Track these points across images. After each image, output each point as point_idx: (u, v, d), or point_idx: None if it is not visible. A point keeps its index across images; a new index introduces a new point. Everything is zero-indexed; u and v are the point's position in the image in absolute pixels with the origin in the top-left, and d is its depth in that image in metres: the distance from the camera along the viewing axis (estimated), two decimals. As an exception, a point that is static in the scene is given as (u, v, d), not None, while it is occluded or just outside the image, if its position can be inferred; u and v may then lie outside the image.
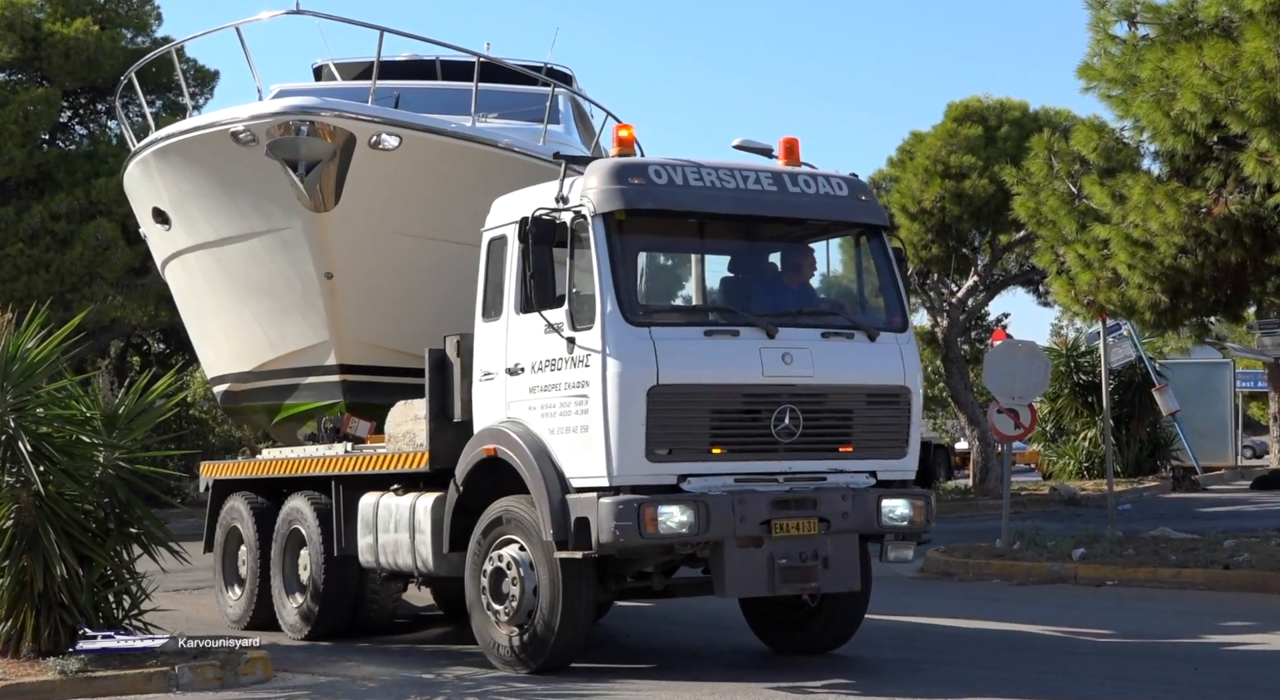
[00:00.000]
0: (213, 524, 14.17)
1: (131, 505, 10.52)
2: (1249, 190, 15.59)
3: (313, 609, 12.33)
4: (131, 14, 32.30)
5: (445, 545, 10.78)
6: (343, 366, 14.36)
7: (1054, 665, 10.61)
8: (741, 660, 11.23)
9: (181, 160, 14.41)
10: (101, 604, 10.29)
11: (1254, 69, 13.96)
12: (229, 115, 13.73)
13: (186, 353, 37.14)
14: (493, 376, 10.52)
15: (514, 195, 11.00)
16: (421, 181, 13.82)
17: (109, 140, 32.34)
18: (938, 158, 28.99)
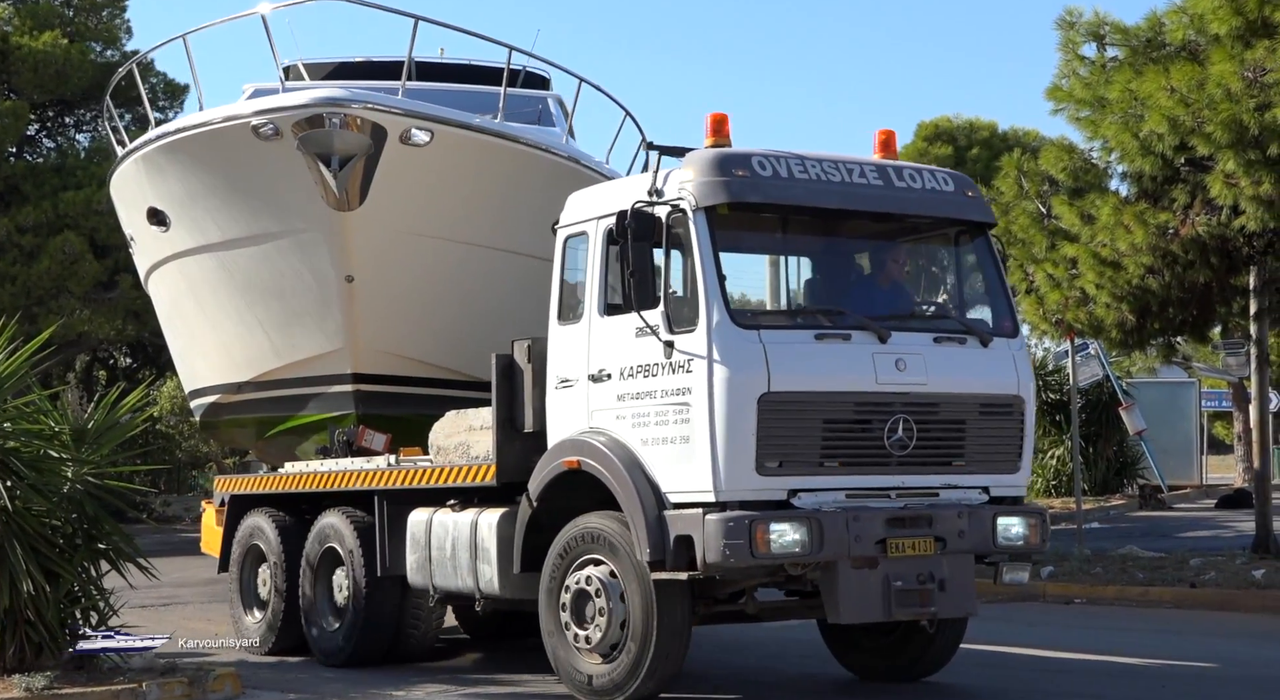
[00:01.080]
0: (229, 542, 13.17)
1: (99, 521, 10.25)
2: (1215, 212, 15.66)
3: (351, 633, 11.39)
4: (101, 27, 31.71)
5: (516, 565, 9.91)
6: (357, 375, 13.54)
7: (1020, 684, 10.43)
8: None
9: (188, 156, 13.51)
10: (69, 620, 9.99)
11: (1220, 91, 13.92)
12: (247, 107, 12.93)
13: (154, 367, 36.86)
14: (571, 384, 9.72)
15: (595, 190, 10.33)
16: (450, 180, 13.04)
17: (77, 153, 31.68)
18: None
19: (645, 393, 9.21)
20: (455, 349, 13.98)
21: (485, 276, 13.87)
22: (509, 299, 14.26)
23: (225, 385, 15.09)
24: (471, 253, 13.48)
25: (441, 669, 11.39)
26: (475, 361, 14.18)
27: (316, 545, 11.97)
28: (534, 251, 14.13)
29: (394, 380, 13.74)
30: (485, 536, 10.16)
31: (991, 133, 28.78)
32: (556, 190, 14.69)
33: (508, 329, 14.64)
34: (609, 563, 9.29)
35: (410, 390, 13.77)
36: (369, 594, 11.30)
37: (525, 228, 13.77)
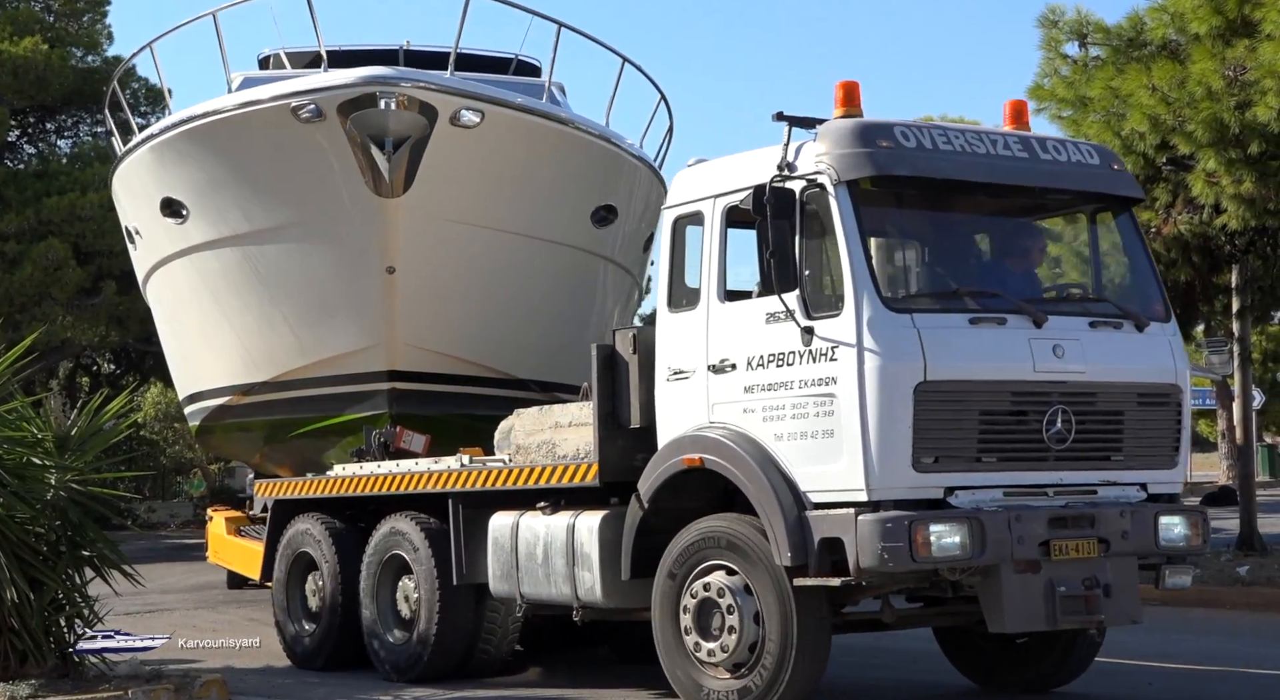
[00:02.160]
0: (272, 550, 12.15)
1: (83, 527, 9.97)
2: (1197, 210, 15.59)
3: (423, 646, 10.41)
4: (81, 33, 30.99)
5: (625, 572, 9.05)
6: (392, 373, 12.80)
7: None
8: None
9: (215, 141, 12.70)
10: (53, 628, 9.70)
11: (1201, 90, 13.72)
12: (286, 88, 12.05)
13: (137, 373, 36.69)
14: (687, 375, 8.95)
15: (708, 167, 9.37)
16: (497, 165, 12.28)
17: (59, 159, 30.92)
18: None
19: (779, 384, 8.44)
20: (493, 345, 13.35)
21: (526, 268, 13.20)
22: (550, 293, 13.70)
23: (237, 387, 14.30)
24: (513, 243, 12.84)
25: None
26: (513, 359, 13.69)
27: (379, 552, 11.01)
28: (574, 241, 13.63)
29: (430, 378, 13.04)
30: (585, 541, 9.31)
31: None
32: (596, 176, 13.70)
33: (546, 325, 13.99)
34: (738, 568, 8.51)
35: (446, 389, 13.10)
36: (443, 604, 10.37)
37: (567, 216, 13.28)
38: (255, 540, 14.82)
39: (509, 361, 13.51)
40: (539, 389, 13.90)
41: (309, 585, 11.88)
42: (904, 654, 11.20)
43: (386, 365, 12.75)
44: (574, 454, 9.81)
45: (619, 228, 14.22)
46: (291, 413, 13.80)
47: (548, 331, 14.01)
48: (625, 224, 14.30)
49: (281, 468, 15.65)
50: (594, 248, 14.10)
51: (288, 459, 14.73)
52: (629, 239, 14.87)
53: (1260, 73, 13.48)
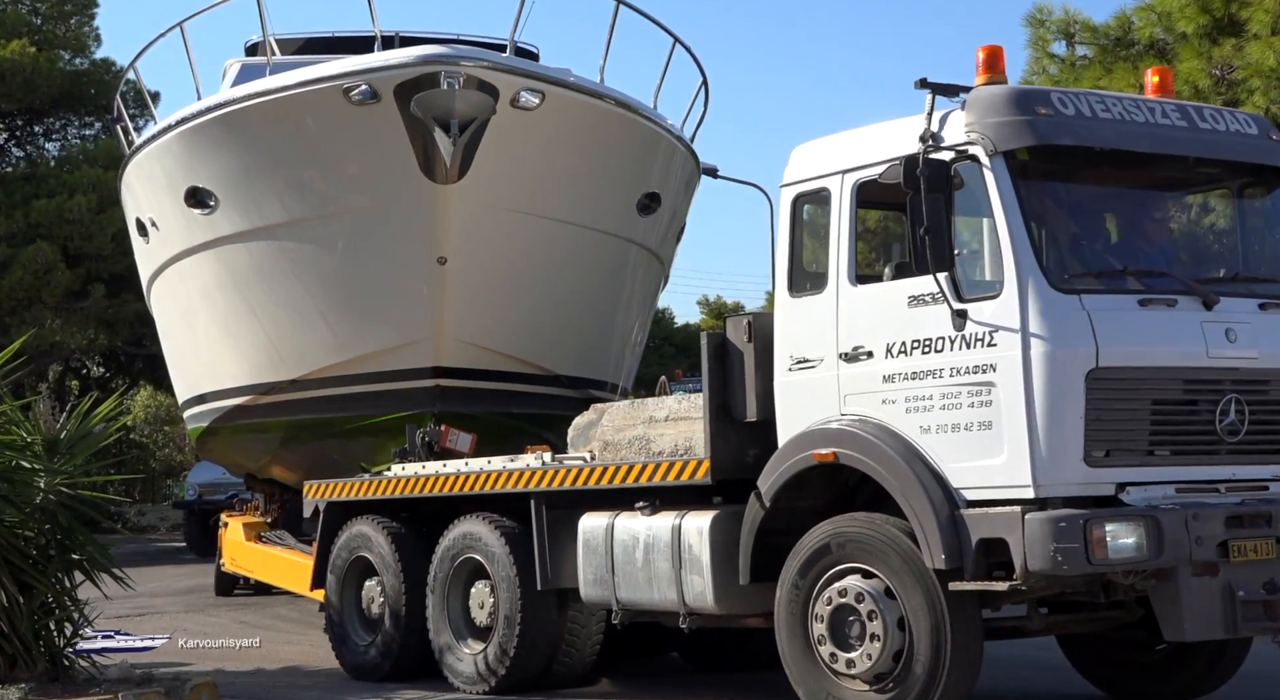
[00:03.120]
0: (325, 555, 11.29)
1: (73, 531, 9.89)
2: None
3: (502, 655, 9.63)
4: (70, 35, 30.19)
5: (744, 576, 8.32)
6: (437, 370, 12.07)
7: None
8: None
9: (252, 128, 11.93)
10: (43, 632, 9.64)
11: (1188, 89, 13.45)
12: (335, 69, 11.26)
13: (126, 376, 36.55)
14: (813, 364, 8.23)
15: (832, 141, 8.59)
16: (555, 150, 11.60)
17: (47, 162, 30.08)
18: None
19: (925, 372, 7.74)
20: (537, 341, 12.73)
21: (574, 260, 12.56)
22: (592, 285, 13.08)
23: (259, 386, 13.47)
24: (565, 233, 12.20)
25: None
26: (554, 354, 12.99)
27: (449, 556, 10.17)
28: (619, 231, 12.90)
29: (475, 375, 12.35)
30: (693, 543, 8.58)
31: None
32: (645, 162, 12.89)
33: (586, 319, 13.34)
34: (877, 572, 7.76)
35: (490, 386, 12.44)
36: (525, 611, 9.57)
37: (616, 204, 12.60)
38: (278, 546, 14.29)
39: (551, 357, 12.98)
40: (571, 385, 13.38)
41: (366, 592, 11.05)
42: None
43: (432, 361, 12.06)
44: (672, 450, 9.12)
45: (660, 216, 13.62)
46: (321, 412, 13.06)
47: (586, 325, 13.51)
48: (665, 212, 13.70)
49: (289, 473, 15.01)
50: (636, 237, 13.51)
51: (302, 463, 14.10)
52: (666, 228, 14.24)
53: (1247, 72, 13.54)
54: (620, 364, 14.67)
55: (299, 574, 12.95)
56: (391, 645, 10.62)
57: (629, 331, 14.86)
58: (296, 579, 13.12)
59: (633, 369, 15.58)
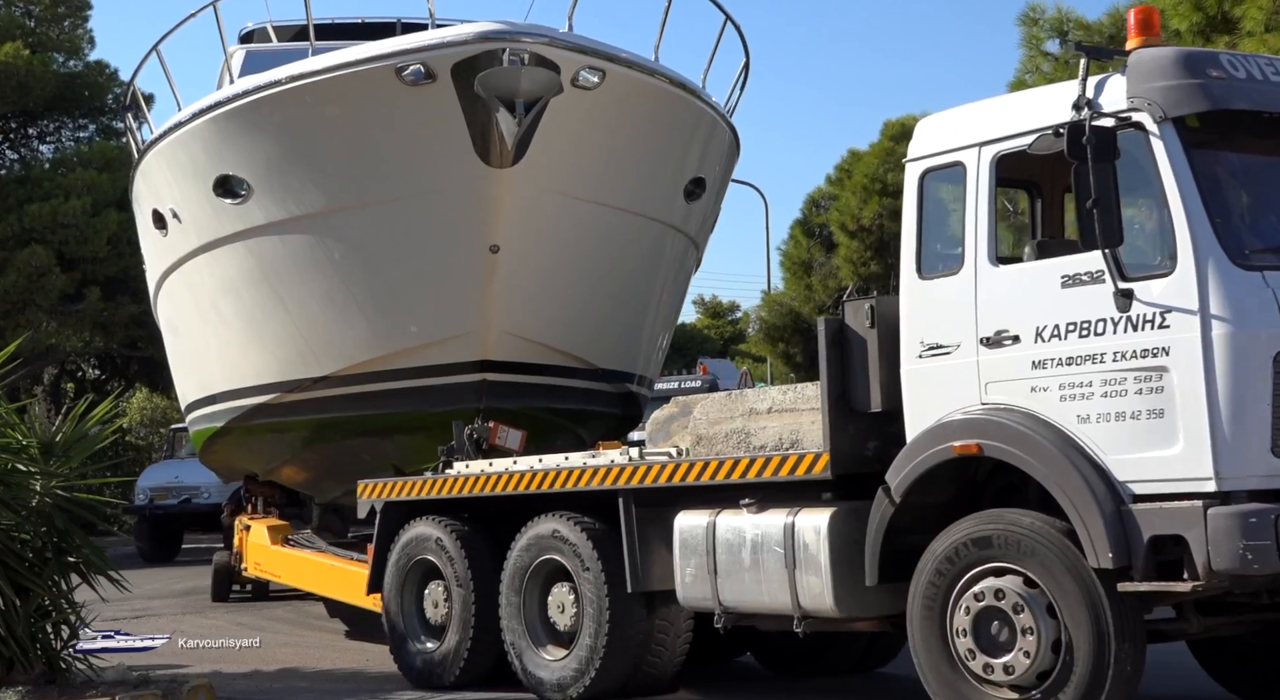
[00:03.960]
0: (382, 557, 10.60)
1: (69, 534, 9.65)
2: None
3: (587, 662, 9.01)
4: (63, 37, 29.72)
5: (871, 577, 7.71)
6: (484, 364, 11.48)
7: None
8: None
9: (291, 112, 11.27)
10: (39, 635, 9.38)
11: None
12: (385, 48, 10.63)
13: (122, 379, 36.45)
14: (947, 350, 7.60)
15: (965, 111, 7.94)
16: (612, 132, 11.00)
17: (41, 165, 29.49)
18: (875, 176, 27.56)
19: (1083, 357, 7.15)
20: (583, 333, 12.19)
21: (624, 249, 11.99)
22: (638, 275, 12.56)
23: (286, 383, 12.81)
24: (617, 220, 11.62)
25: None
26: (597, 347, 12.37)
27: (528, 557, 9.53)
28: (666, 218, 12.25)
29: (521, 369, 11.78)
30: (810, 542, 7.99)
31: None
32: (694, 146, 12.15)
33: (628, 310, 12.71)
34: (1027, 571, 7.17)
35: (535, 380, 11.88)
36: (613, 615, 8.94)
37: (665, 190, 12.04)
38: (309, 550, 13.59)
39: (593, 350, 12.47)
40: (607, 379, 12.89)
41: (429, 596, 10.41)
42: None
43: (479, 355, 11.47)
44: (775, 444, 8.47)
45: (703, 203, 13.03)
46: (353, 410, 12.40)
47: (627, 317, 13.01)
48: (708, 198, 13.10)
49: (301, 474, 14.59)
50: (680, 224, 12.90)
51: (323, 463, 13.61)
52: (706, 215, 13.61)
53: (1242, 69, 13.53)
54: (650, 357, 14.14)
55: (339, 579, 12.33)
56: (459, 651, 9.96)
57: (662, 323, 14.38)
58: (336, 584, 12.44)
59: (660, 362, 15.07)
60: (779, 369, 32.56)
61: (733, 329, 54.48)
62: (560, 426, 12.54)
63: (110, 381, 36.35)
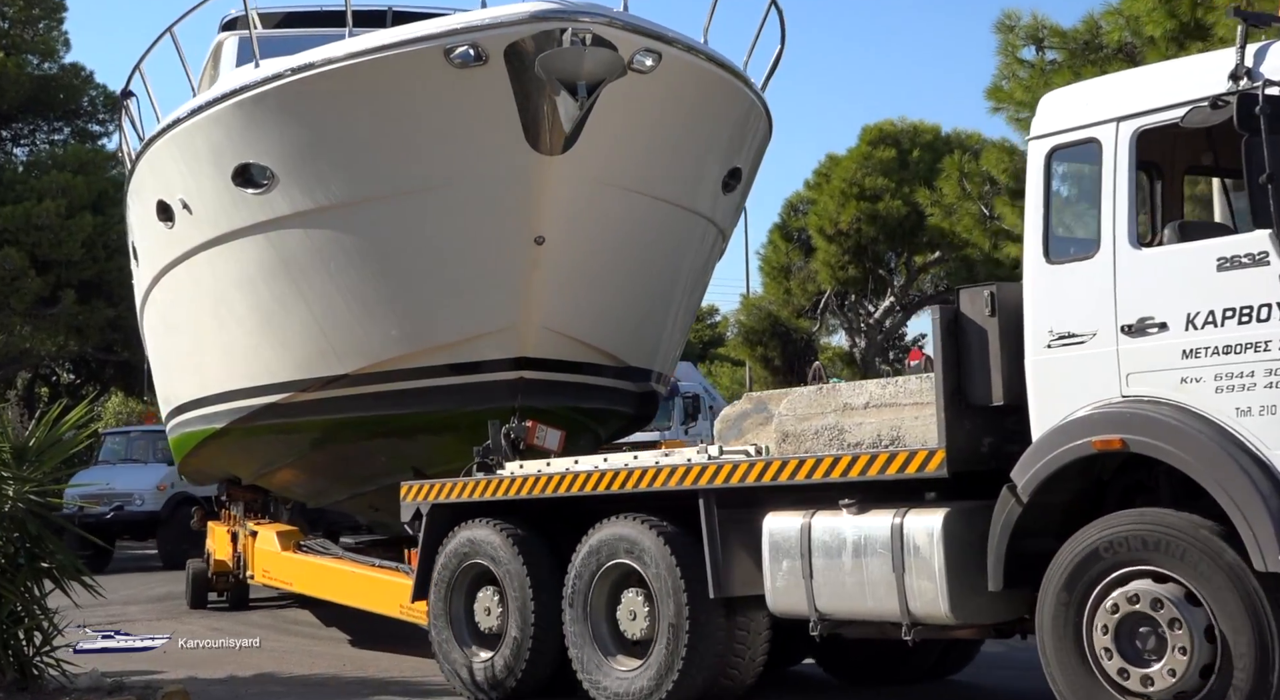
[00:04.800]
0: (429, 562, 9.94)
1: (42, 539, 9.45)
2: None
3: (664, 673, 8.39)
4: (38, 39, 29.36)
5: (996, 581, 7.12)
6: (522, 361, 10.87)
7: None
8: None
9: (322, 97, 10.61)
10: (11, 641, 9.18)
11: None
12: (431, 28, 10.02)
13: (97, 383, 36.35)
14: (1081, 339, 7.04)
15: (1097, 85, 7.41)
16: (663, 119, 10.41)
17: (15, 167, 28.99)
18: (853, 180, 27.53)
19: (1245, 345, 6.59)
20: (618, 330, 11.58)
21: (666, 243, 11.43)
22: (674, 270, 12.00)
23: (301, 382, 12.10)
24: (662, 213, 11.05)
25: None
26: (628, 344, 11.78)
27: (593, 562, 8.92)
28: (705, 210, 11.68)
29: (558, 366, 11.18)
30: (923, 545, 7.41)
31: (935, 136, 28.51)
32: (736, 135, 11.55)
33: (660, 306, 12.07)
34: (1176, 575, 6.63)
35: (569, 378, 11.29)
36: (693, 623, 8.34)
37: (708, 181, 11.48)
38: (325, 557, 12.92)
39: (625, 347, 11.88)
40: (632, 377, 12.32)
41: (480, 603, 9.78)
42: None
43: (517, 352, 10.87)
44: (873, 441, 7.94)
45: (737, 194, 12.46)
46: (375, 409, 11.74)
47: (659, 313, 12.43)
48: (741, 189, 12.53)
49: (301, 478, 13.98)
50: (714, 216, 12.28)
51: (329, 466, 12.97)
52: (736, 206, 13.01)
53: (1217, 75, 13.61)
54: (670, 354, 13.55)
55: (366, 587, 11.73)
56: (518, 660, 9.29)
57: (685, 319, 13.85)
58: (362, 592, 11.83)
59: (677, 359, 14.46)
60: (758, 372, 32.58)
61: (711, 332, 54.54)
62: (583, 426, 11.94)
63: (85, 386, 36.10)
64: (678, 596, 8.42)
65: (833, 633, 8.06)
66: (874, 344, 31.70)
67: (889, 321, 32.66)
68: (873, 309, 31.70)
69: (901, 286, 31.82)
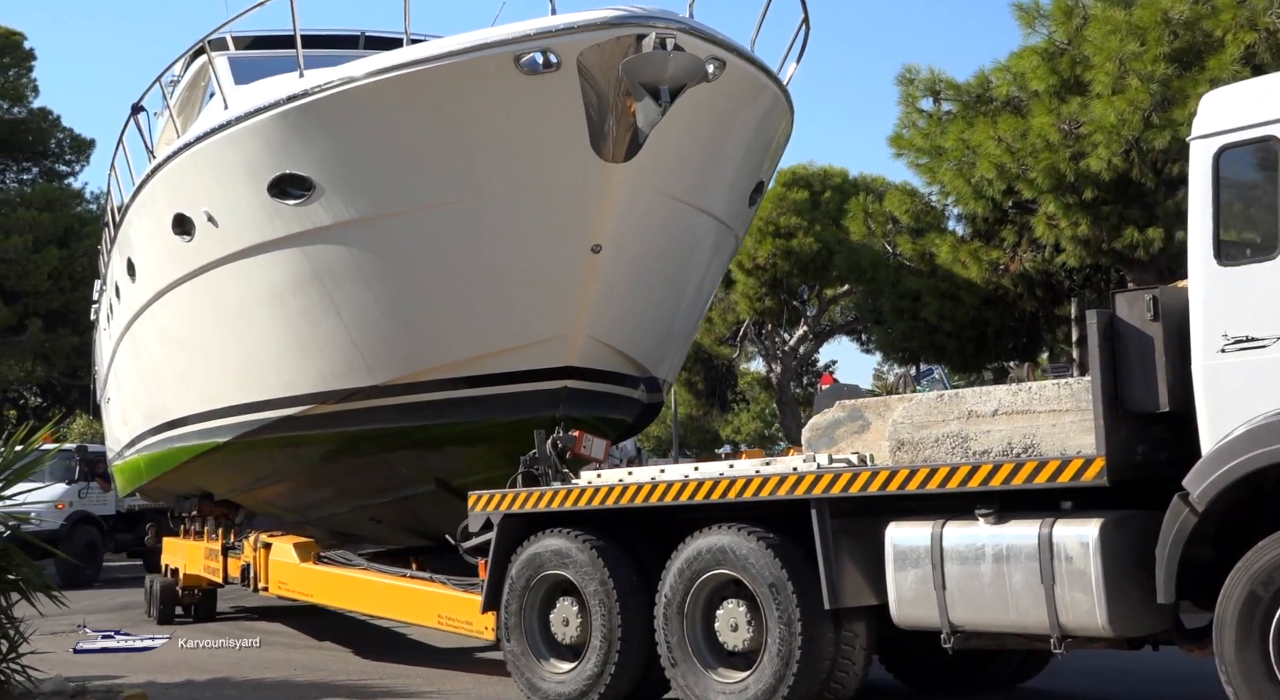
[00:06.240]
0: (500, 573, 9.01)
1: (9, 553, 9.29)
2: (1040, 250, 15.99)
3: (775, 684, 7.56)
4: (8, 86, 28.71)
5: (1166, 594, 6.31)
6: (568, 370, 10.00)
7: None
8: None
9: (375, 107, 9.62)
10: None
11: (1040, 142, 13.51)
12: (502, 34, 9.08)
13: (63, 406, 35.98)
14: (1263, 343, 6.20)
15: (1270, 81, 6.55)
16: (719, 130, 9.60)
17: None
18: (769, 219, 27.39)
19: None
20: (650, 340, 10.77)
21: (699, 253, 10.65)
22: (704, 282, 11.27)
23: (324, 394, 11.11)
24: (704, 225, 10.27)
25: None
26: (656, 355, 10.95)
27: (689, 573, 8.02)
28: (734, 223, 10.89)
29: (598, 376, 10.33)
30: (1077, 555, 6.62)
31: (843, 179, 28.96)
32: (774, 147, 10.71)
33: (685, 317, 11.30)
34: None
35: (605, 388, 10.47)
36: (806, 634, 7.51)
37: (740, 194, 10.67)
38: (351, 569, 11.86)
39: (652, 357, 11.08)
40: (648, 387, 11.42)
41: (557, 614, 8.82)
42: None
43: (563, 361, 9.99)
44: (1002, 449, 7.14)
45: (756, 206, 11.63)
46: (402, 421, 10.82)
47: (679, 325, 11.64)
48: (759, 202, 11.70)
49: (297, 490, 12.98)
50: (737, 229, 11.42)
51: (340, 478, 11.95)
52: (752, 218, 12.16)
53: (1091, 127, 13.82)
54: (677, 363, 12.66)
55: (399, 598, 10.84)
56: (603, 672, 8.34)
57: (694, 330, 12.98)
58: (395, 603, 10.93)
59: (679, 368, 13.56)
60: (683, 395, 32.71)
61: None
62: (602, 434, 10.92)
63: (51, 408, 35.63)
64: (788, 608, 7.51)
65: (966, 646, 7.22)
66: (789, 369, 31.90)
67: (802, 348, 32.90)
68: (788, 338, 31.93)
69: (813, 316, 32.12)
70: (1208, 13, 13.18)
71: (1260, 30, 12.83)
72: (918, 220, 17.80)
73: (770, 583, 7.60)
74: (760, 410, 46.08)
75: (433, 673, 10.78)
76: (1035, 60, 14.45)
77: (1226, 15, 12.97)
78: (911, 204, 17.51)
